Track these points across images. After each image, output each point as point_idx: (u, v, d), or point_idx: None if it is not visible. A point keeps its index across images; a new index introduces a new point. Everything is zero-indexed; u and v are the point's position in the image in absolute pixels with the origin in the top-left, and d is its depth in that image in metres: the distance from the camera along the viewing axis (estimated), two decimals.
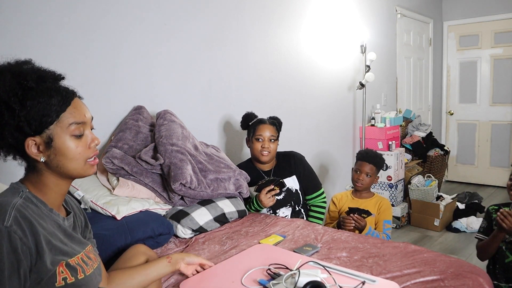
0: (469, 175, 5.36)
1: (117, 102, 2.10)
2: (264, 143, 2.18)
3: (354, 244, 1.68)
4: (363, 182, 2.29)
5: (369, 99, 4.03)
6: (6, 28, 1.68)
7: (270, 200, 2.10)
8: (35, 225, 0.88)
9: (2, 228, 0.82)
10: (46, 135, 0.92)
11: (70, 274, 0.93)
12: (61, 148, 0.94)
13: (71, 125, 0.94)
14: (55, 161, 0.94)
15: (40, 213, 0.92)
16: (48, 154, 0.93)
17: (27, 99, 0.88)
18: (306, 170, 2.33)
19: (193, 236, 1.85)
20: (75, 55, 1.90)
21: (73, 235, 1.00)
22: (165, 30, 2.29)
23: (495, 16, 4.99)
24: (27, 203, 0.91)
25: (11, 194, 0.92)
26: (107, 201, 1.74)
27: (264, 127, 2.20)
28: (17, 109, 0.88)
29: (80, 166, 0.97)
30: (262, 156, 2.19)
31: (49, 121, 0.91)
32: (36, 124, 0.90)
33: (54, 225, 0.95)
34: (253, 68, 2.85)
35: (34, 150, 0.92)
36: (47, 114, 0.91)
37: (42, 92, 0.90)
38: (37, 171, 0.96)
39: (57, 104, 0.92)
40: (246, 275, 1.35)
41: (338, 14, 3.61)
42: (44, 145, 0.92)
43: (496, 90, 5.10)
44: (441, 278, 1.35)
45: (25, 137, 0.90)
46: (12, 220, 0.84)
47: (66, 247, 0.95)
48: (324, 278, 1.24)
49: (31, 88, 0.90)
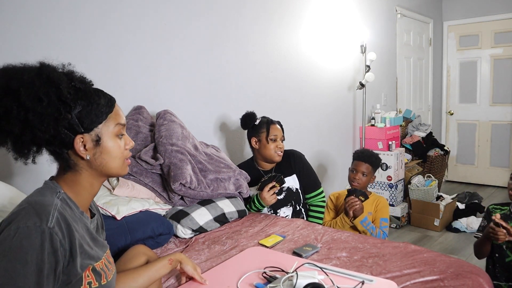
0: (469, 175, 5.36)
1: (117, 102, 2.10)
2: (279, 143, 2.22)
3: (354, 244, 1.68)
4: (360, 181, 2.30)
5: (369, 99, 4.03)
6: (7, 28, 1.68)
7: (272, 197, 2.10)
8: (72, 229, 0.89)
9: (46, 229, 0.83)
10: (94, 134, 0.96)
11: (95, 279, 0.94)
12: (107, 146, 0.98)
13: (117, 126, 1.00)
14: (100, 159, 0.97)
15: (73, 216, 0.93)
16: (94, 152, 0.96)
17: (79, 98, 0.92)
18: (305, 168, 2.33)
19: (193, 236, 1.85)
20: (75, 55, 1.90)
21: (97, 238, 1.02)
22: (165, 30, 2.29)
23: (495, 16, 4.99)
24: (63, 204, 0.92)
25: (50, 193, 0.93)
26: (107, 201, 1.74)
27: (276, 127, 2.25)
28: (72, 106, 0.91)
29: (119, 165, 1.02)
30: (278, 156, 2.23)
31: (99, 121, 0.96)
32: (88, 123, 0.94)
33: (84, 228, 0.96)
34: (253, 68, 2.85)
35: (81, 148, 0.94)
36: (99, 113, 0.95)
37: (91, 93, 0.96)
38: (75, 170, 0.97)
39: (106, 105, 0.97)
40: (241, 279, 1.34)
41: (338, 14, 3.61)
42: (92, 143, 0.95)
43: (496, 90, 5.10)
44: (441, 278, 1.35)
45: (75, 135, 0.93)
46: (55, 222, 0.86)
47: (92, 251, 0.96)
48: (322, 279, 1.24)
49: (80, 89, 0.94)
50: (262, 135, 2.23)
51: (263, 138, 2.22)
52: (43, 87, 0.88)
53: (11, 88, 0.86)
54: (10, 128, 0.87)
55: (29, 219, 0.84)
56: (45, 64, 0.92)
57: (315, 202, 2.35)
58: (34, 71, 0.89)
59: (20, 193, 1.49)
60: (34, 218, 0.84)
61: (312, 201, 2.35)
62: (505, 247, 1.86)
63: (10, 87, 0.86)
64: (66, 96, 0.90)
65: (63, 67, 0.95)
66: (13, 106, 0.85)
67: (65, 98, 0.89)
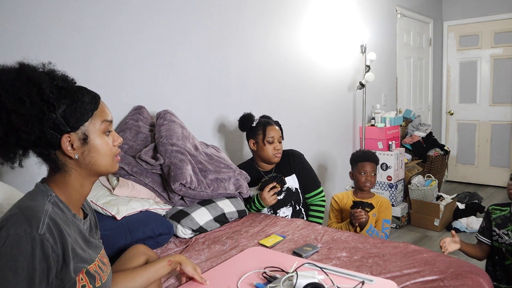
0: (469, 175, 5.36)
1: (117, 102, 2.10)
2: (276, 145, 2.20)
3: (354, 244, 1.68)
4: (372, 181, 2.30)
5: (369, 99, 4.03)
6: (6, 28, 1.68)
7: (273, 198, 2.10)
8: (64, 234, 0.88)
9: (36, 236, 0.82)
10: (81, 132, 0.94)
11: (88, 282, 0.93)
12: (95, 144, 0.96)
13: (103, 123, 0.98)
14: (88, 158, 0.96)
15: (65, 219, 0.92)
16: (82, 151, 0.95)
17: (62, 97, 0.91)
18: (305, 167, 2.33)
19: (193, 236, 1.85)
20: (75, 55, 1.90)
21: (90, 240, 1.00)
22: (165, 30, 2.29)
23: (495, 16, 4.99)
24: (55, 208, 0.91)
25: (41, 197, 0.91)
26: (107, 201, 1.74)
27: (273, 128, 2.22)
28: (56, 106, 0.89)
29: (109, 162, 1.00)
30: (276, 158, 2.21)
31: (85, 118, 0.94)
32: (73, 121, 0.92)
33: (76, 230, 0.95)
34: (253, 68, 2.85)
35: (68, 147, 0.93)
36: (84, 111, 0.94)
37: (75, 91, 0.94)
38: (64, 171, 0.95)
39: (90, 102, 0.95)
40: (241, 279, 1.34)
41: (338, 14, 3.61)
42: (79, 142, 0.94)
43: (496, 90, 5.10)
44: (440, 278, 1.35)
45: (61, 134, 0.91)
46: (46, 228, 0.84)
47: (85, 254, 0.95)
48: (322, 279, 1.24)
49: (62, 88, 0.92)
50: (259, 137, 2.21)
51: (260, 140, 2.21)
52: (24, 88, 0.86)
53: None
54: None
55: (19, 226, 0.82)
56: (24, 64, 0.90)
57: (315, 201, 2.34)
58: (13, 72, 0.87)
59: (16, 191, 1.48)
60: (24, 225, 0.82)
61: (312, 201, 2.35)
62: (504, 250, 1.85)
63: None
64: (49, 96, 0.88)
65: (43, 66, 0.93)
66: None
67: (48, 97, 0.88)
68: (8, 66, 0.89)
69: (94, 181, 1.02)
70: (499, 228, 1.87)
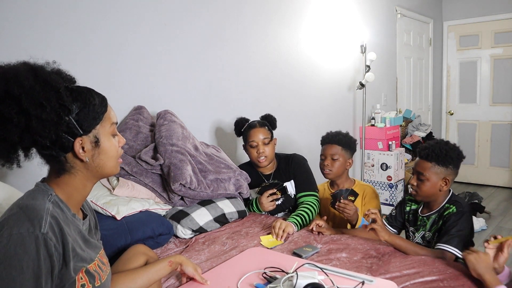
0: (469, 175, 5.35)
1: (117, 102, 2.09)
2: (258, 148, 2.09)
3: (353, 245, 1.68)
4: (331, 168, 2.02)
5: (369, 99, 4.03)
6: (5, 28, 1.68)
7: (271, 204, 2.08)
8: (65, 233, 0.87)
9: (40, 235, 0.81)
10: (93, 135, 0.93)
11: (88, 281, 0.93)
12: (105, 147, 0.96)
13: (112, 125, 0.98)
14: (97, 160, 0.95)
15: (65, 219, 0.91)
16: (92, 154, 0.94)
17: (74, 100, 0.90)
18: (301, 170, 2.17)
19: (193, 236, 1.85)
20: (75, 55, 1.90)
21: (90, 240, 1.00)
22: (165, 30, 2.29)
23: (495, 16, 4.99)
24: (55, 208, 0.90)
25: (41, 196, 0.90)
26: (107, 201, 1.74)
27: (255, 131, 2.11)
28: (71, 109, 0.89)
29: (115, 164, 1.00)
30: (260, 162, 2.12)
31: (97, 122, 0.94)
32: (86, 125, 0.92)
33: (76, 230, 0.94)
34: (253, 68, 2.85)
35: (80, 150, 0.92)
36: (95, 114, 0.93)
37: (85, 94, 0.92)
38: (70, 173, 0.94)
39: (100, 105, 0.95)
40: (241, 279, 1.34)
41: (338, 14, 3.61)
42: (90, 145, 0.93)
43: (496, 90, 5.10)
44: (440, 278, 1.35)
45: (75, 138, 0.91)
46: (48, 227, 0.84)
47: (85, 253, 0.94)
48: (322, 280, 1.24)
49: (73, 90, 0.91)
50: (246, 142, 2.16)
51: (246, 144, 2.16)
52: (43, 92, 0.84)
53: (11, 94, 0.82)
54: (7, 135, 0.84)
55: (21, 225, 0.82)
56: (34, 65, 0.88)
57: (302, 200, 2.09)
58: (29, 74, 0.85)
59: (16, 191, 1.47)
60: (27, 224, 0.82)
61: (300, 200, 2.10)
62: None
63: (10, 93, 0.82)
64: (65, 100, 0.87)
65: (48, 65, 0.91)
66: (12, 113, 0.82)
67: (64, 101, 0.87)
68: (18, 66, 0.87)
69: (96, 182, 1.02)
70: (409, 225, 1.86)
